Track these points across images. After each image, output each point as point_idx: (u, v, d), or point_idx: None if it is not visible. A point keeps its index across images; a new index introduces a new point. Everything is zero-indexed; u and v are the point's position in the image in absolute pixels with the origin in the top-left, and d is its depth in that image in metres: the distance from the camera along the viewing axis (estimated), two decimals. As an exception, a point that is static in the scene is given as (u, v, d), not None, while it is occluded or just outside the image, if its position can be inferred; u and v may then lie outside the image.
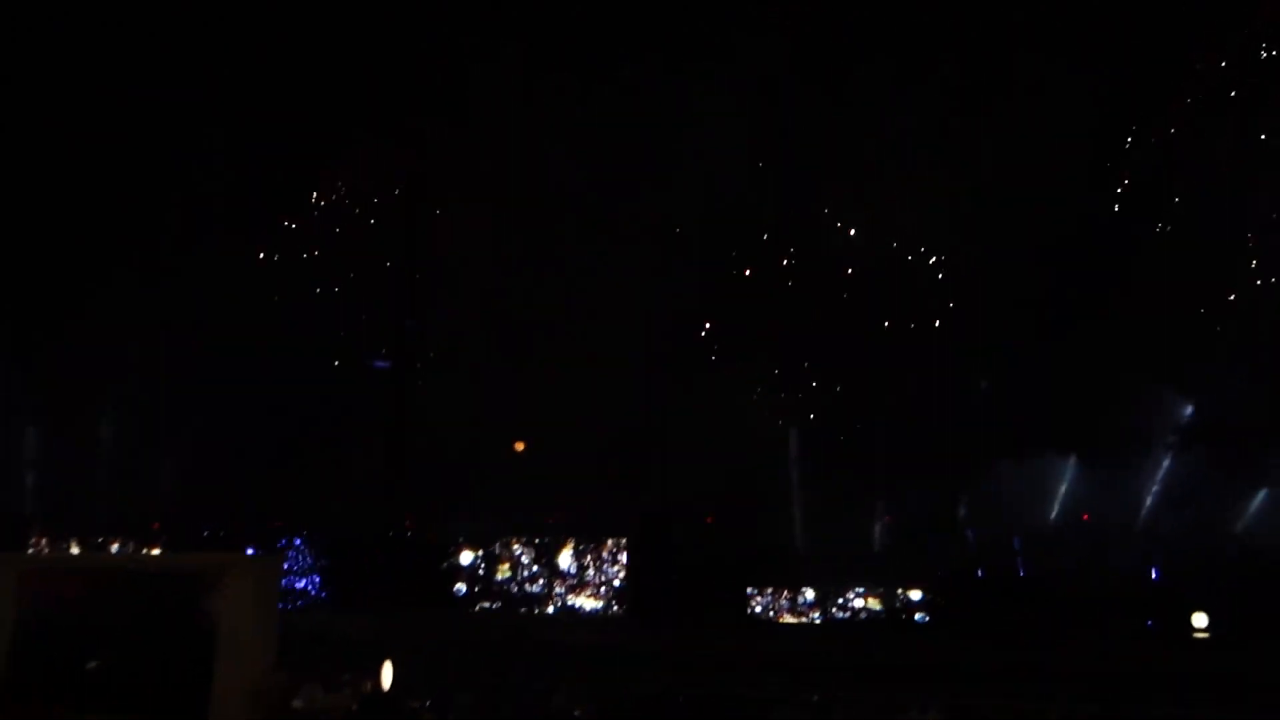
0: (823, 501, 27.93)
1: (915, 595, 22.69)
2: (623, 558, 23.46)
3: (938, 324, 27.95)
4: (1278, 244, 26.11)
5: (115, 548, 26.49)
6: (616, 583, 23.45)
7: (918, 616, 22.56)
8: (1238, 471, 24.87)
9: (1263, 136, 26.18)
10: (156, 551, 26.32)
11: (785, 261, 29.47)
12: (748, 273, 29.72)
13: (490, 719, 10.77)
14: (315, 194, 32.52)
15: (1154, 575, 22.90)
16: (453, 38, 28.88)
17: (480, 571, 24.07)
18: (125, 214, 30.34)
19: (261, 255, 32.01)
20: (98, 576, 9.25)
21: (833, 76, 27.18)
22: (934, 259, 28.75)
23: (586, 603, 23.40)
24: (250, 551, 25.14)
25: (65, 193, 30.32)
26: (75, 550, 25.89)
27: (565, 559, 23.66)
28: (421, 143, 29.94)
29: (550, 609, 23.40)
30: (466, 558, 24.26)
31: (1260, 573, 22.72)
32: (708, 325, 29.59)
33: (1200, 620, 21.40)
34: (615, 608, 23.21)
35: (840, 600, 22.86)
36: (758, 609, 23.06)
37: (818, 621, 22.68)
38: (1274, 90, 26.16)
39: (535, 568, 23.76)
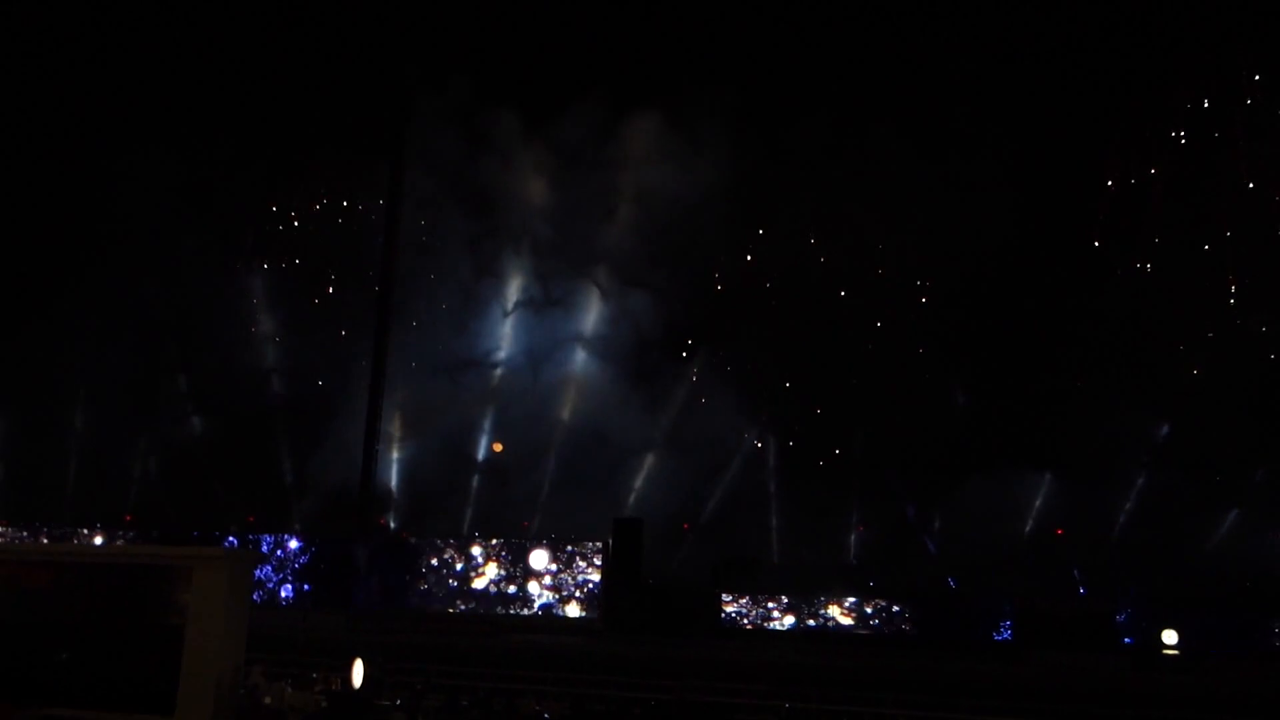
0: (798, 511, 28.05)
1: (888, 606, 22.73)
2: (597, 562, 23.41)
3: (917, 340, 28.09)
4: (1254, 273, 26.42)
5: (99, 541, 26.17)
6: (590, 587, 23.39)
7: (890, 627, 22.58)
8: (1211, 491, 25.10)
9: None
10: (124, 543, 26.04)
11: (763, 279, 29.70)
12: (720, 290, 29.99)
13: (459, 720, 10.71)
14: (298, 198, 32.55)
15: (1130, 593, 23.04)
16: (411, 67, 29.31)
17: (455, 573, 23.94)
18: (108, 212, 30.32)
19: (243, 257, 31.98)
20: (66, 568, 9.13)
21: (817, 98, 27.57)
22: (914, 277, 29.01)
23: (560, 606, 23.33)
24: (226, 544, 25.00)
25: (44, 189, 30.32)
26: (44, 541, 25.57)
27: (539, 563, 23.58)
28: (403, 153, 30.00)
29: (523, 611, 23.32)
30: (441, 559, 24.13)
31: (1230, 591, 22.98)
32: (689, 341, 29.71)
33: (1170, 637, 21.56)
34: (588, 612, 23.15)
35: (812, 609, 22.88)
36: (731, 616, 23.05)
37: (789, 630, 22.68)
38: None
39: (510, 571, 23.67)
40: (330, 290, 32.62)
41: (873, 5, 28.08)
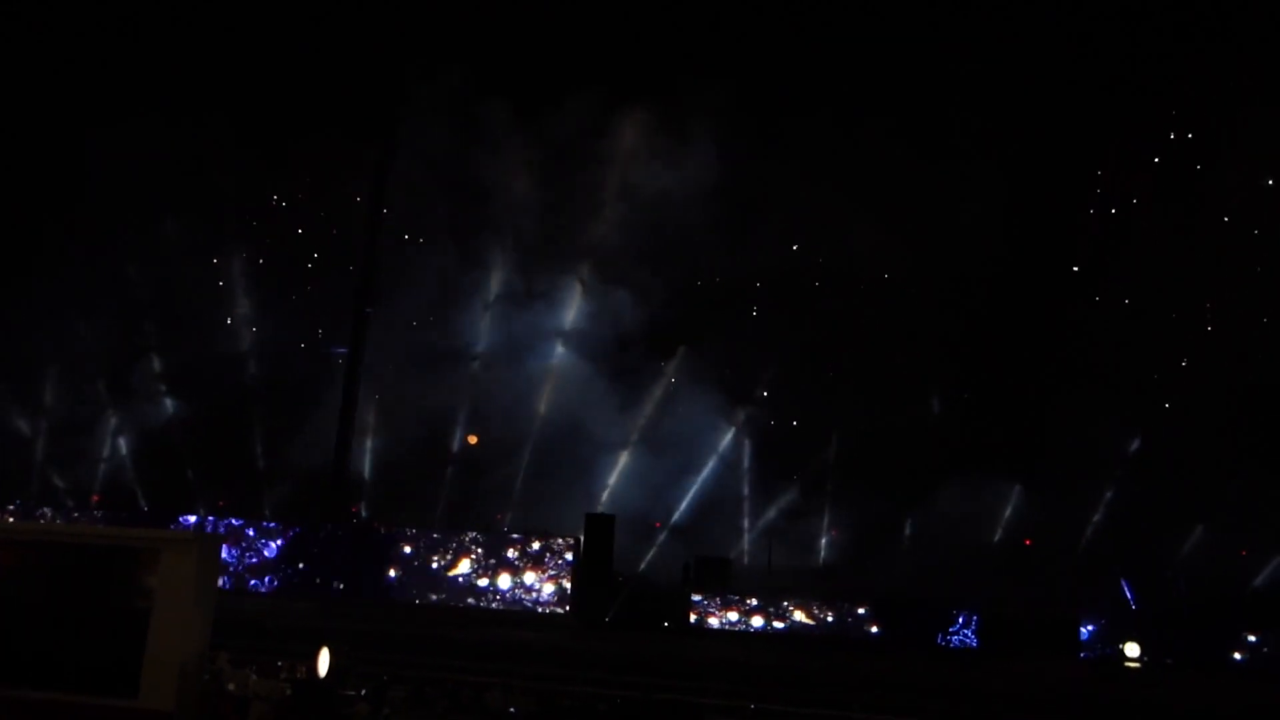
0: (770, 512, 28.18)
1: (855, 609, 22.86)
2: (569, 557, 23.40)
3: (895, 345, 28.21)
4: (1232, 280, 26.70)
5: (64, 520, 25.91)
6: (561, 582, 23.38)
7: (857, 630, 22.71)
8: (1181, 504, 25.37)
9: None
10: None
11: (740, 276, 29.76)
12: (702, 289, 30.02)
13: (424, 713, 10.69)
14: (282, 182, 32.36)
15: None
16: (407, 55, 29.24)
17: (425, 564, 23.88)
18: (88, 189, 30.07)
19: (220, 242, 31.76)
20: (30, 547, 9.04)
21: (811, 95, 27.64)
22: (895, 281, 29.16)
23: (529, 600, 23.31)
24: (192, 526, 24.85)
25: (21, 164, 30.05)
26: (9, 520, 25.29)
27: (511, 556, 23.55)
28: (390, 139, 29.90)
29: (493, 605, 23.29)
30: (412, 549, 24.05)
31: (1197, 605, 23.26)
32: (666, 333, 29.67)
33: (1133, 650, 21.80)
34: (559, 607, 23.15)
35: (781, 611, 22.98)
36: (700, 615, 23.11)
37: (758, 631, 22.77)
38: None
39: (481, 563, 23.62)
40: (310, 276, 32.48)
41: (869, 7, 28.14)
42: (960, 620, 22.41)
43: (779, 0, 28.83)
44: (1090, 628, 22.23)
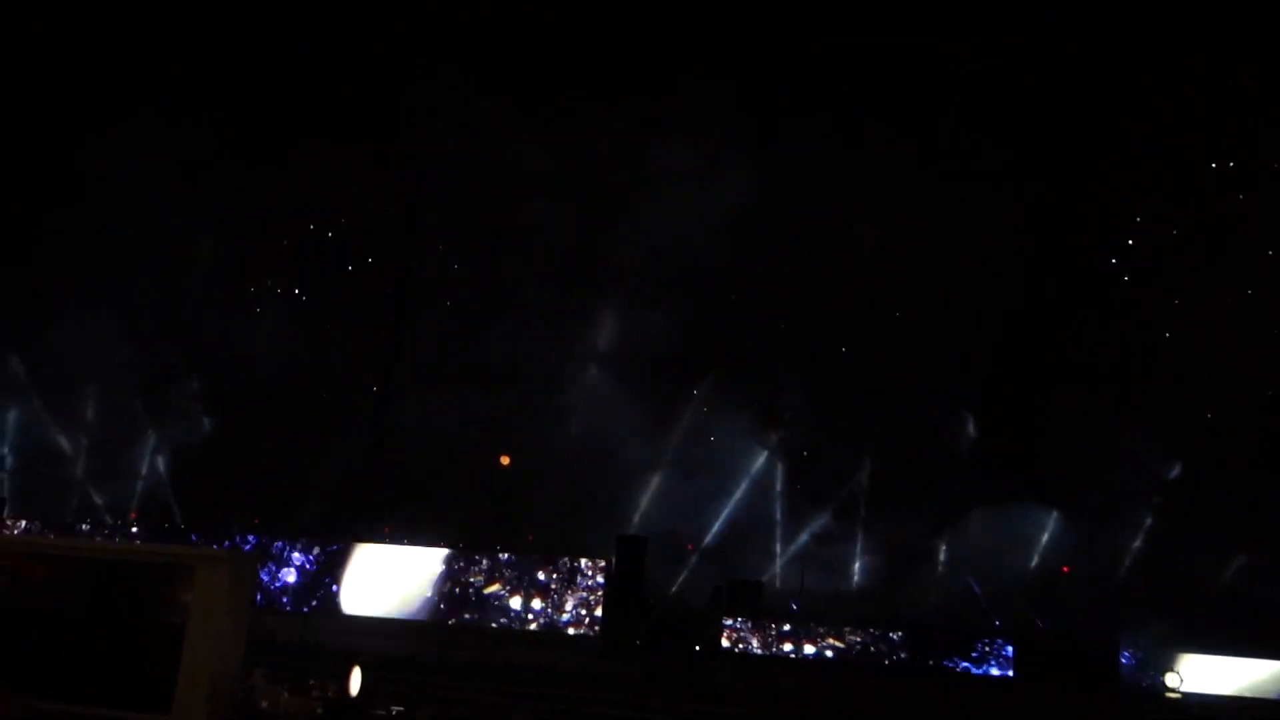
0: (803, 536, 28.00)
1: (887, 634, 22.60)
2: (600, 579, 23.34)
3: (930, 368, 28.02)
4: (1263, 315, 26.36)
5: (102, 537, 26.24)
6: (592, 604, 23.31)
7: (889, 656, 22.45)
8: (1220, 534, 24.94)
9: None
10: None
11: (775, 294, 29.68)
12: (733, 309, 29.99)
13: (454, 733, 10.66)
14: (310, 205, 32.74)
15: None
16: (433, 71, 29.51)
17: (456, 583, 23.89)
18: (123, 212, 30.59)
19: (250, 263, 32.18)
20: (69, 562, 9.14)
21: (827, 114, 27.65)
22: (930, 304, 28.97)
23: (560, 622, 23.26)
24: (228, 545, 25.03)
25: (62, 187, 30.63)
26: (48, 534, 25.63)
27: (542, 577, 23.52)
28: (420, 162, 30.21)
29: (524, 626, 23.25)
30: (442, 568, 24.08)
31: (1236, 634, 22.82)
32: (698, 356, 29.66)
33: (1173, 680, 21.38)
34: (589, 629, 23.07)
35: (814, 636, 22.77)
36: (731, 639, 22.95)
37: (791, 656, 22.58)
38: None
39: (511, 584, 23.61)
40: (344, 296, 32.78)
41: (895, 28, 28.11)
42: (994, 647, 22.10)
43: (812, 19, 28.79)
44: (1124, 657, 21.85)
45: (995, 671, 21.95)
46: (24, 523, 26.38)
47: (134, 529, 27.90)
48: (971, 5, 27.70)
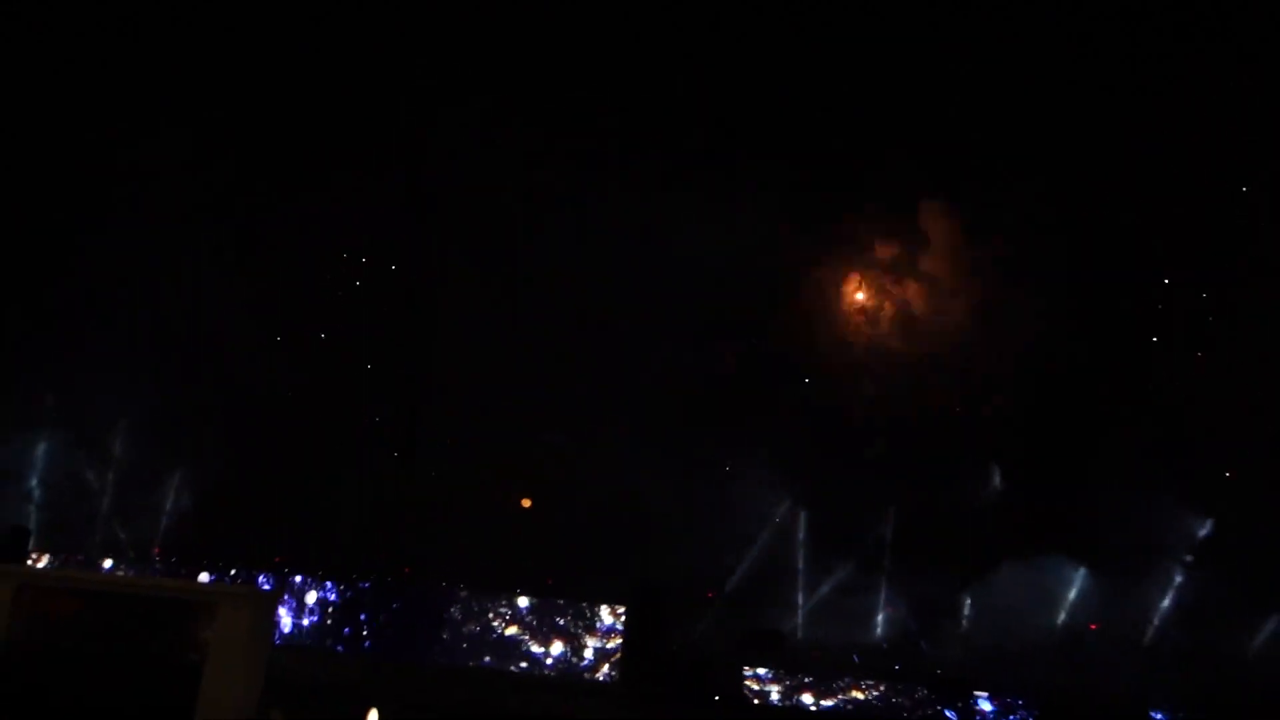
0: (825, 587, 27.67)
1: (910, 689, 22.24)
2: (619, 626, 23.16)
3: (956, 419, 27.79)
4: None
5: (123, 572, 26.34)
6: (610, 648, 23.12)
7: (912, 712, 22.08)
8: (1254, 594, 24.46)
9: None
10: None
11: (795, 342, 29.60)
12: (753, 346, 29.84)
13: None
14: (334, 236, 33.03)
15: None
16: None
17: (477, 626, 23.78)
18: (146, 243, 31.02)
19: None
20: (92, 597, 9.17)
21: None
22: (955, 352, 28.81)
23: (579, 668, 23.07)
24: (258, 582, 25.06)
25: (71, 204, 31.12)
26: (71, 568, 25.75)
27: (561, 622, 23.38)
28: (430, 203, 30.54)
29: (542, 671, 23.07)
30: (463, 611, 23.98)
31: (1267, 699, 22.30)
32: (722, 398, 29.53)
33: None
34: (608, 676, 22.86)
35: (834, 688, 22.45)
36: (752, 690, 22.65)
37: (809, 708, 22.25)
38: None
39: (531, 628, 23.48)
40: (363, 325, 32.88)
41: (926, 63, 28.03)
42: (1018, 705, 21.69)
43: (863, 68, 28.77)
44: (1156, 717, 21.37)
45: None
46: (48, 557, 26.51)
47: (157, 564, 28.00)
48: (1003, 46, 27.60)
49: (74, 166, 30.96)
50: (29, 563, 25.14)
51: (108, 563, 26.41)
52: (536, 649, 23.21)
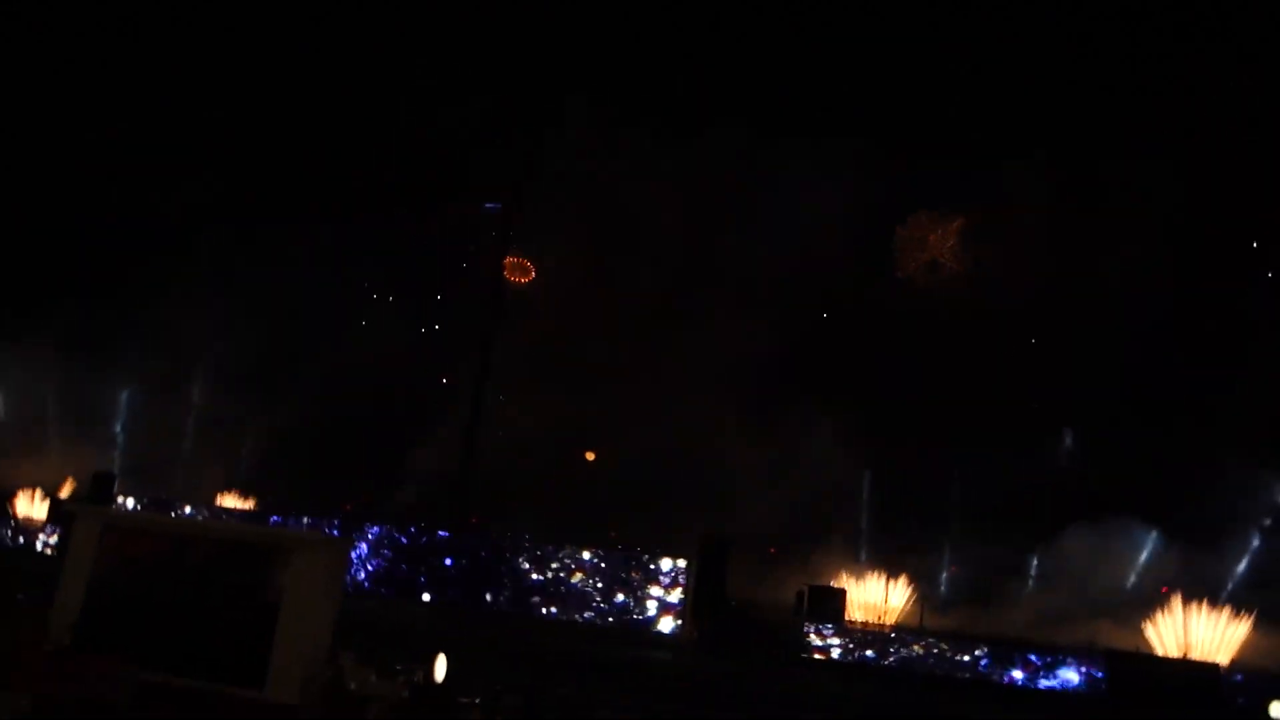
0: (890, 546, 27.57)
1: (972, 648, 22.00)
2: (682, 578, 23.31)
3: (1029, 379, 27.37)
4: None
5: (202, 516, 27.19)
6: (674, 600, 23.29)
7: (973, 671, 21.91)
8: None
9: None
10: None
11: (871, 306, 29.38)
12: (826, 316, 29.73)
13: (534, 724, 10.77)
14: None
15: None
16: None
17: (542, 575, 24.12)
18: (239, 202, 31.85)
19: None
20: (175, 539, 9.51)
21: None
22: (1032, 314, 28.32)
23: (642, 619, 23.32)
24: (327, 530, 25.69)
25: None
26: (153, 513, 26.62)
27: (625, 573, 23.61)
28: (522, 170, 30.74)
29: (605, 621, 23.36)
30: (530, 561, 24.33)
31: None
32: (792, 363, 29.48)
33: (1277, 710, 20.44)
34: (675, 628, 23.07)
35: (896, 644, 22.34)
36: (813, 645, 22.68)
37: (871, 662, 22.19)
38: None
39: (597, 579, 23.75)
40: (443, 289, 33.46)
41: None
42: (1085, 665, 21.37)
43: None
44: (1239, 678, 20.91)
45: (1086, 689, 21.25)
46: (131, 500, 27.44)
47: (230, 509, 28.82)
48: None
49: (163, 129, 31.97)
50: (114, 505, 26.06)
51: (188, 508, 27.22)
52: (600, 599, 23.51)
